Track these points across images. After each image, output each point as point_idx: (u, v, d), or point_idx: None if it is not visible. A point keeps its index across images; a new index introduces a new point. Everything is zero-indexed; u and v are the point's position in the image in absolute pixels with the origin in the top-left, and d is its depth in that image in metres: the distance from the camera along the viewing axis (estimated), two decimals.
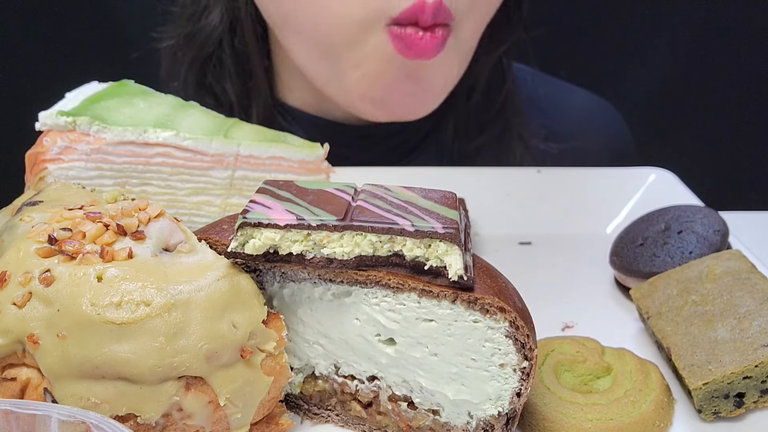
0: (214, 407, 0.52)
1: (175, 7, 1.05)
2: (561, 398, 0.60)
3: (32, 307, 0.49)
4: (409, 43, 0.82)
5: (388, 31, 0.82)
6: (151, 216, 0.55)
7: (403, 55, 0.83)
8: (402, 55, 0.83)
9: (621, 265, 0.79)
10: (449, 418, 0.58)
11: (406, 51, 0.83)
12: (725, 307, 0.65)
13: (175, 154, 0.70)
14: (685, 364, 0.62)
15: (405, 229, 0.52)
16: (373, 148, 1.06)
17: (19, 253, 0.51)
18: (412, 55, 0.83)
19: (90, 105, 0.70)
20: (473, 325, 0.54)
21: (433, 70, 0.88)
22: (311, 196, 0.56)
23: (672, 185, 0.94)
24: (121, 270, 0.50)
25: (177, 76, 1.07)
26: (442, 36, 0.83)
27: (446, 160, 1.09)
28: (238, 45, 1.02)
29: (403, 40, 0.82)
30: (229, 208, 0.73)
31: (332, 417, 0.61)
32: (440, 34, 0.82)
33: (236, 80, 1.04)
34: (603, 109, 1.24)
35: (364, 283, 0.55)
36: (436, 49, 0.83)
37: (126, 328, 0.48)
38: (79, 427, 0.44)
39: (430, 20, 0.80)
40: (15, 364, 0.51)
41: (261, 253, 0.53)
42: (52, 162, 0.67)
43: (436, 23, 0.82)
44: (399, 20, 0.81)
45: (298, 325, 0.59)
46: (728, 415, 0.61)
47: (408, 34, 0.81)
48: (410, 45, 0.82)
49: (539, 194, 0.95)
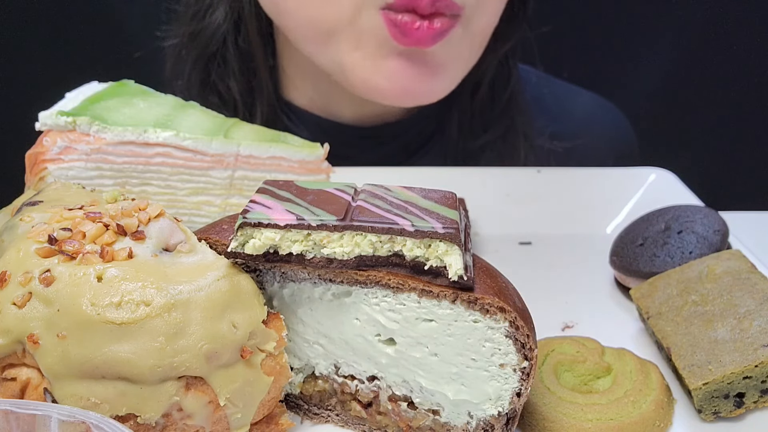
0: (214, 407, 0.52)
1: (179, 6, 1.05)
2: (561, 398, 0.60)
3: (32, 307, 0.49)
4: (405, 31, 0.81)
5: (383, 14, 0.81)
6: (151, 216, 0.55)
7: (399, 42, 0.82)
8: (397, 41, 0.82)
9: (621, 265, 0.79)
10: (449, 418, 0.58)
11: (401, 38, 0.82)
12: (725, 307, 0.65)
13: (175, 154, 0.70)
14: (685, 364, 0.62)
15: (405, 229, 0.52)
16: (377, 149, 1.06)
17: (19, 253, 0.51)
18: (408, 42, 0.82)
19: (90, 105, 0.70)
20: (473, 325, 0.54)
21: (440, 54, 0.86)
22: (311, 196, 0.56)
23: (672, 185, 0.94)
24: (121, 270, 0.50)
25: (181, 75, 1.07)
26: (442, 26, 0.81)
27: (450, 160, 1.09)
28: (242, 43, 1.02)
29: (397, 27, 0.81)
30: (229, 208, 0.73)
31: (332, 417, 0.61)
32: (439, 24, 0.81)
33: (240, 79, 1.04)
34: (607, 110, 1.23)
35: (364, 283, 0.55)
36: (433, 38, 0.82)
37: (126, 328, 0.48)
38: (79, 427, 0.44)
39: (429, 8, 0.79)
40: (15, 364, 0.51)
41: (261, 253, 0.53)
42: (52, 162, 0.67)
43: (436, 12, 0.80)
44: (394, 6, 0.80)
45: (298, 325, 0.59)
46: (728, 415, 0.61)
47: (403, 21, 0.80)
48: (405, 32, 0.81)
49: (539, 194, 0.95)
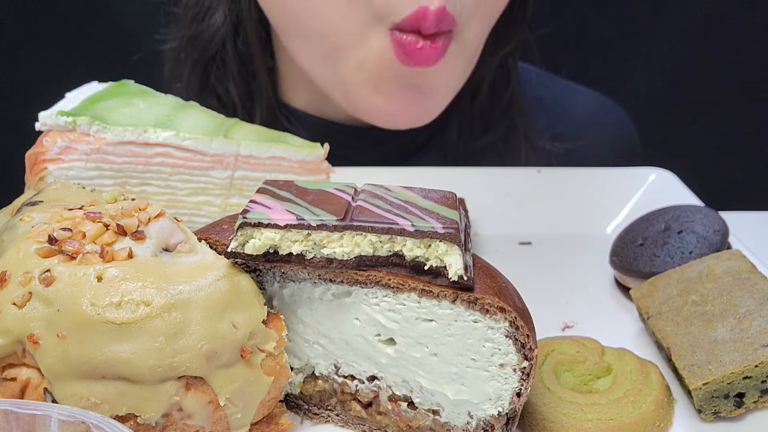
0: (214, 407, 0.52)
1: (178, 9, 1.05)
2: (561, 398, 0.60)
3: (32, 307, 0.49)
4: (409, 51, 0.82)
5: (391, 35, 0.82)
6: (151, 216, 0.55)
7: (403, 62, 0.83)
8: (401, 62, 0.83)
9: (621, 265, 0.79)
10: (449, 418, 0.58)
11: (405, 59, 0.83)
12: (725, 307, 0.65)
13: (175, 154, 0.70)
14: (685, 364, 0.62)
15: (405, 229, 0.52)
16: (376, 150, 1.06)
17: (19, 253, 0.51)
18: (412, 63, 0.83)
19: (90, 105, 0.70)
20: (473, 325, 0.54)
21: (435, 76, 0.88)
22: (311, 196, 0.56)
23: (672, 185, 0.94)
24: (121, 270, 0.50)
25: (180, 78, 1.07)
26: (443, 44, 0.83)
27: (450, 160, 1.09)
28: (241, 46, 1.02)
29: (402, 48, 0.82)
30: (229, 208, 0.73)
31: (332, 417, 0.61)
32: (440, 43, 0.82)
33: (239, 82, 1.04)
34: (609, 109, 1.23)
35: (364, 283, 0.55)
36: (435, 57, 0.83)
37: (126, 328, 0.48)
38: (79, 427, 0.44)
39: (433, 28, 0.80)
40: (15, 364, 0.51)
41: (261, 253, 0.53)
42: (52, 162, 0.67)
43: (439, 31, 0.81)
44: (402, 26, 0.81)
45: (298, 325, 0.59)
46: (728, 415, 0.61)
47: (408, 42, 0.81)
48: (409, 53, 0.82)
49: (539, 194, 0.95)
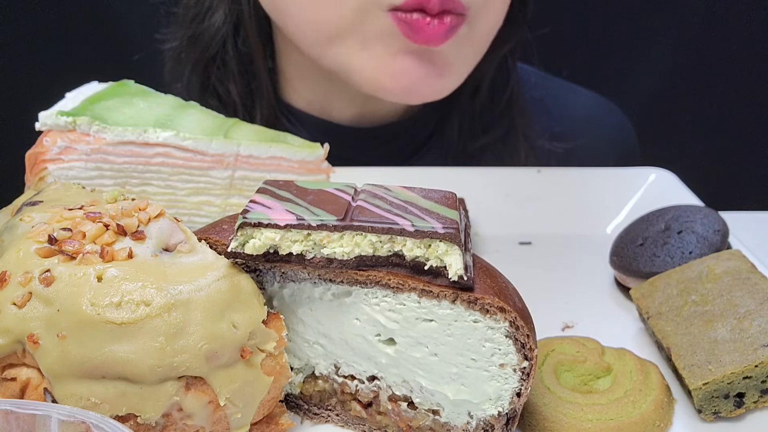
0: (214, 407, 0.52)
1: (178, 9, 1.05)
2: (561, 398, 0.60)
3: (32, 307, 0.49)
4: (416, 29, 0.81)
5: (393, 15, 0.81)
6: (151, 216, 0.55)
7: (410, 39, 0.82)
8: (409, 39, 0.82)
9: (621, 265, 0.79)
10: (449, 418, 0.58)
11: (413, 36, 0.82)
12: (725, 307, 0.65)
13: (175, 154, 0.70)
14: (685, 364, 0.62)
15: (405, 229, 0.52)
16: (376, 150, 1.06)
17: (19, 253, 0.51)
18: (420, 40, 0.82)
19: (90, 105, 0.70)
20: (473, 325, 0.54)
21: (446, 54, 0.86)
22: (311, 196, 0.56)
23: (672, 185, 0.94)
24: (121, 270, 0.50)
25: (180, 78, 1.06)
26: (451, 23, 0.81)
27: (450, 161, 1.08)
28: (242, 46, 1.02)
29: (408, 25, 0.81)
30: (229, 208, 0.73)
31: (332, 417, 0.61)
32: (449, 20, 0.81)
33: (240, 81, 1.04)
34: (608, 110, 1.23)
35: (364, 283, 0.55)
36: (444, 35, 0.82)
37: (126, 328, 0.48)
38: (79, 427, 0.44)
39: (438, 7, 0.79)
40: (15, 364, 0.51)
41: (261, 253, 0.53)
42: (52, 162, 0.67)
43: (445, 10, 0.80)
44: (402, 6, 0.80)
45: (298, 325, 0.59)
46: (728, 415, 0.61)
47: (414, 19, 0.80)
48: (417, 30, 0.81)
49: (539, 194, 0.95)
